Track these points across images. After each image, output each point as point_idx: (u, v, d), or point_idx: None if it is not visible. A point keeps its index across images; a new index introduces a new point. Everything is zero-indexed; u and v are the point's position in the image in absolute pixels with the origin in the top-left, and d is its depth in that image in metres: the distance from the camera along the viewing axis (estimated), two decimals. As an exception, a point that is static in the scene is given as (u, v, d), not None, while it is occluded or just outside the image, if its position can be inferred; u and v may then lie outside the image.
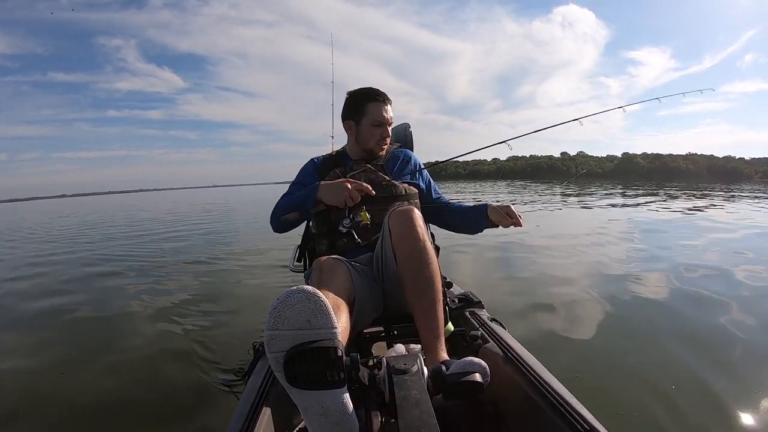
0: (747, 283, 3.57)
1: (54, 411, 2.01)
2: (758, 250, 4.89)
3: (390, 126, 1.73)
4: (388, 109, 1.71)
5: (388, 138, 1.74)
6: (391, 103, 1.73)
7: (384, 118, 1.69)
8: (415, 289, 1.31)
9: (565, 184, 24.61)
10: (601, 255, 4.92)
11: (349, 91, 1.75)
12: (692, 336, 2.47)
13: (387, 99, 1.71)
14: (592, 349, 2.38)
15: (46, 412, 2.00)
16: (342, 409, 0.90)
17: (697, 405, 1.76)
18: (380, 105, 1.69)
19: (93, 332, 3.12)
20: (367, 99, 1.70)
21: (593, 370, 2.12)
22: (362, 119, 1.70)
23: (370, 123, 1.69)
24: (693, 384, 1.93)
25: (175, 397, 2.07)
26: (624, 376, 2.05)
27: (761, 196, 15.07)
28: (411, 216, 1.36)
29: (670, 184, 26.95)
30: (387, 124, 1.71)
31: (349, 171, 1.70)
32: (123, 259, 6.16)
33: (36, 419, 1.96)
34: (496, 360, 1.28)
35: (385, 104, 1.70)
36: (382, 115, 1.69)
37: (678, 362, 2.15)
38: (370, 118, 1.69)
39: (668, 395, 1.84)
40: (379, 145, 1.73)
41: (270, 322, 0.87)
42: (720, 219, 8.18)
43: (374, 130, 1.70)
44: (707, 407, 1.75)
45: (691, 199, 13.98)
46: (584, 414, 0.96)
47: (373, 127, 1.69)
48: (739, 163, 66.87)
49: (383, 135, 1.71)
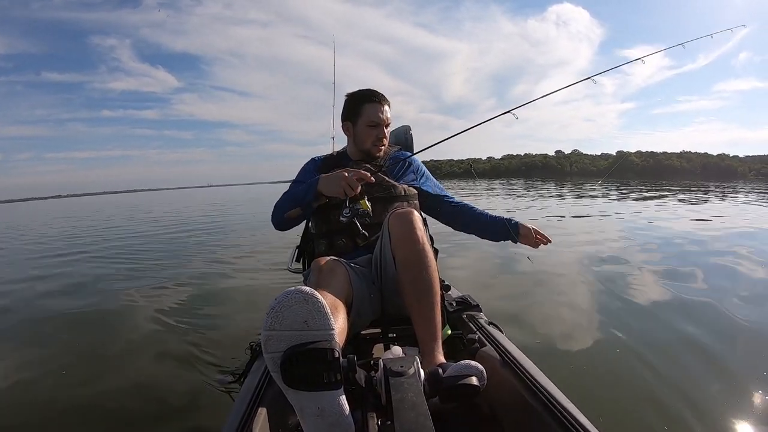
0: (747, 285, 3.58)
1: (51, 411, 2.00)
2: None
3: (387, 127, 1.73)
4: (385, 110, 1.70)
5: (384, 139, 1.73)
6: (389, 104, 1.72)
7: (379, 119, 1.69)
8: (413, 292, 1.31)
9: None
10: (601, 256, 4.93)
11: (348, 93, 1.75)
12: (691, 339, 2.47)
13: (384, 100, 1.70)
14: (588, 352, 2.38)
15: (44, 413, 2.00)
16: (338, 411, 0.90)
17: (694, 409, 1.75)
18: (376, 106, 1.69)
19: (90, 333, 3.11)
20: (363, 100, 1.70)
21: (589, 374, 2.12)
22: (358, 120, 1.70)
23: (365, 124, 1.69)
24: (690, 388, 1.93)
25: (172, 397, 2.07)
26: (620, 380, 2.05)
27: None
28: (411, 218, 1.36)
29: (667, 183, 27.01)
30: (383, 124, 1.70)
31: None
32: (120, 259, 6.13)
33: (36, 419, 1.96)
34: (493, 363, 1.28)
35: (382, 105, 1.70)
36: (377, 115, 1.68)
37: (676, 365, 2.15)
38: (365, 118, 1.69)
39: (665, 399, 1.84)
40: (375, 146, 1.72)
41: (267, 323, 0.87)
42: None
43: (370, 131, 1.69)
44: (703, 410, 1.75)
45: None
46: (579, 418, 0.97)
47: (368, 127, 1.69)
48: (733, 161, 67.24)
49: (379, 136, 1.70)
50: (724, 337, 2.49)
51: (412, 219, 1.36)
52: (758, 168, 60.05)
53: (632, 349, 2.36)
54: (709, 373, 2.09)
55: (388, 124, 1.73)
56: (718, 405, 1.79)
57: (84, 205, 36.66)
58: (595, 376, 2.11)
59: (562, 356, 2.32)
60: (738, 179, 43.64)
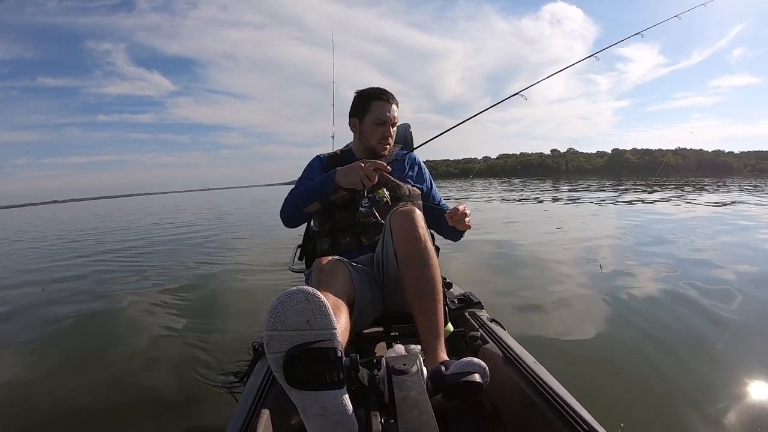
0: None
1: (54, 414, 2.00)
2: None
3: (394, 126, 1.72)
4: (393, 109, 1.69)
5: (390, 138, 1.72)
6: (398, 104, 1.71)
7: (386, 117, 1.67)
8: (415, 289, 1.31)
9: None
10: (601, 253, 4.92)
11: (357, 90, 1.75)
12: (694, 334, 2.46)
13: (392, 99, 1.69)
14: (591, 349, 2.37)
15: (46, 416, 1.99)
16: (341, 410, 0.89)
17: (697, 404, 1.75)
18: (384, 104, 1.68)
19: (92, 335, 3.10)
20: (372, 97, 1.69)
21: (592, 370, 2.11)
22: (365, 117, 1.70)
23: (372, 121, 1.68)
24: (694, 383, 1.92)
25: (175, 398, 2.06)
26: (623, 376, 2.04)
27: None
28: (413, 216, 1.36)
29: (665, 180, 27.09)
30: (390, 123, 1.69)
31: None
32: (121, 262, 6.11)
33: (39, 422, 1.96)
34: (495, 360, 1.28)
35: (390, 104, 1.69)
36: (385, 113, 1.67)
37: (680, 361, 2.14)
38: (372, 115, 1.68)
39: (668, 394, 1.83)
40: (381, 144, 1.71)
41: (269, 323, 0.86)
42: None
43: (376, 129, 1.69)
44: (705, 406, 1.74)
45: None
46: (583, 414, 0.96)
47: (375, 125, 1.68)
48: (728, 156, 67.60)
49: (384, 134, 1.69)
50: (738, 334, 2.46)
51: (414, 217, 1.35)
52: (753, 164, 60.32)
53: (635, 344, 2.35)
54: (718, 368, 2.06)
55: (395, 123, 1.72)
56: (719, 404, 1.76)
57: (83, 209, 36.51)
58: (598, 372, 2.10)
59: (565, 353, 2.30)
60: (733, 175, 43.81)
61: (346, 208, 1.62)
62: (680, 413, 1.71)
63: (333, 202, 1.61)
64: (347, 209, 1.62)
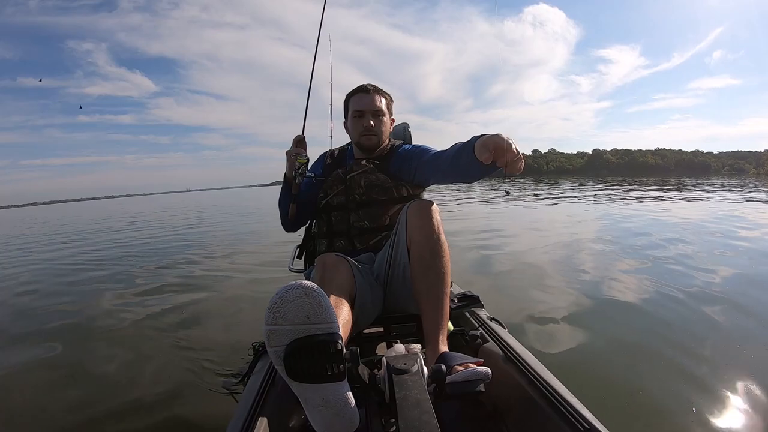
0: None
1: (53, 415, 1.97)
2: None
3: (379, 117, 1.66)
4: (373, 99, 1.64)
5: (371, 128, 1.65)
6: (385, 96, 1.68)
7: (363, 106, 1.64)
8: (425, 280, 1.30)
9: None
10: (601, 252, 4.95)
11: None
12: (697, 334, 2.46)
13: (373, 90, 1.66)
14: (592, 347, 2.35)
15: (46, 417, 1.97)
16: (342, 402, 0.89)
17: (699, 403, 1.74)
18: (361, 96, 1.65)
19: (90, 336, 3.03)
20: (350, 95, 1.68)
21: (593, 369, 2.09)
22: (348, 114, 1.69)
23: (352, 115, 1.67)
24: (694, 382, 1.90)
25: (176, 399, 2.02)
26: (625, 375, 2.02)
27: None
28: (429, 209, 1.35)
29: (644, 179, 27.47)
30: (368, 112, 1.64)
31: (349, 171, 1.66)
32: (118, 264, 6.00)
33: (38, 421, 1.94)
34: (495, 359, 1.27)
35: (369, 94, 1.65)
36: (362, 104, 1.64)
37: (681, 359, 2.13)
38: (352, 110, 1.67)
39: (668, 392, 1.83)
40: (365, 137, 1.66)
41: (269, 318, 0.86)
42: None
43: (356, 122, 1.66)
44: (708, 405, 1.73)
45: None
46: (584, 413, 0.96)
47: (354, 118, 1.66)
48: (707, 156, 69.01)
49: (365, 125, 1.64)
50: (739, 334, 2.46)
51: (430, 209, 1.35)
52: (731, 163, 61.65)
53: (636, 342, 2.35)
54: (719, 368, 2.05)
55: (379, 113, 1.66)
56: (719, 402, 1.76)
57: (67, 211, 35.76)
58: (599, 370, 2.08)
59: (565, 351, 2.28)
60: (711, 175, 44.61)
61: (342, 210, 1.62)
62: (680, 413, 1.69)
63: (322, 208, 1.66)
64: (342, 211, 1.62)
